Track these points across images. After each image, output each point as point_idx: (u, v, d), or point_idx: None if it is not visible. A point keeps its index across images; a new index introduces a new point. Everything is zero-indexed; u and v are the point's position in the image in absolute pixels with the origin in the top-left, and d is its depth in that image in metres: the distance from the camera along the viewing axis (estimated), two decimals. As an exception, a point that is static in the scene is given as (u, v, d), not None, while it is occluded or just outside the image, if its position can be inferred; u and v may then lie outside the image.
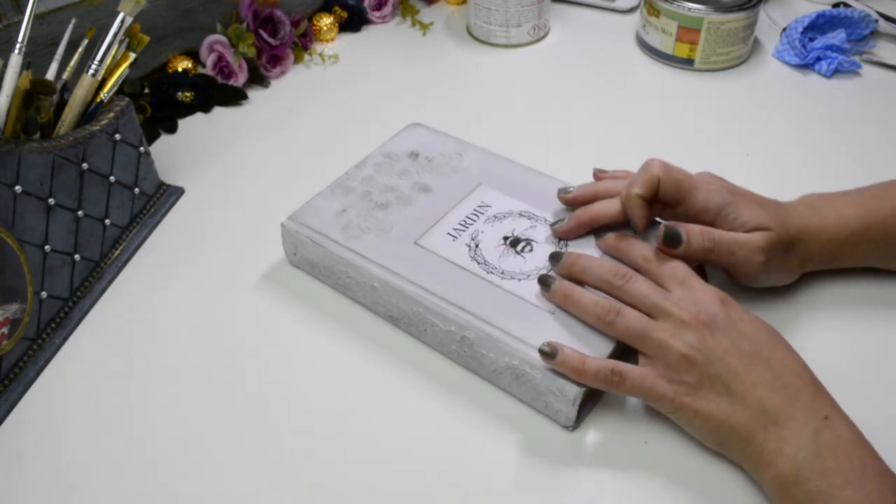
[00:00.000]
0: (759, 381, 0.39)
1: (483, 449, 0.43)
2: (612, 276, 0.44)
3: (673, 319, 0.41)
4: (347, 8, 0.81)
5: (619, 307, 0.43)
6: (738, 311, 0.42)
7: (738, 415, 0.39)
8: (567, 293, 0.44)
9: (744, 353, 0.40)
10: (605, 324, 0.43)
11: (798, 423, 0.38)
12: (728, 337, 0.40)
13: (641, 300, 0.43)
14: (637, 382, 0.41)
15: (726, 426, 0.39)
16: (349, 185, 0.54)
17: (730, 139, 0.66)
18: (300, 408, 0.46)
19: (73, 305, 0.51)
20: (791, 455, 0.37)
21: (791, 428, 0.38)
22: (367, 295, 0.50)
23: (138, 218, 0.58)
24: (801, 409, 0.38)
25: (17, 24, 0.50)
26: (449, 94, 0.73)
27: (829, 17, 0.75)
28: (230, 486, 0.42)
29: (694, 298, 0.42)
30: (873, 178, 0.60)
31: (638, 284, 0.43)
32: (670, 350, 0.40)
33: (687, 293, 0.42)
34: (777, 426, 0.38)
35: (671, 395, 0.40)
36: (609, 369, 0.41)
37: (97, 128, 0.52)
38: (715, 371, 0.39)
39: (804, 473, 0.37)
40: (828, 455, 0.37)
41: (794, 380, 0.39)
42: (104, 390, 0.47)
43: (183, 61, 0.71)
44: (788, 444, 0.38)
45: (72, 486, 0.42)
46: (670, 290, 0.43)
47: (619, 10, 0.85)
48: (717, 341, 0.40)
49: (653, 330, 0.41)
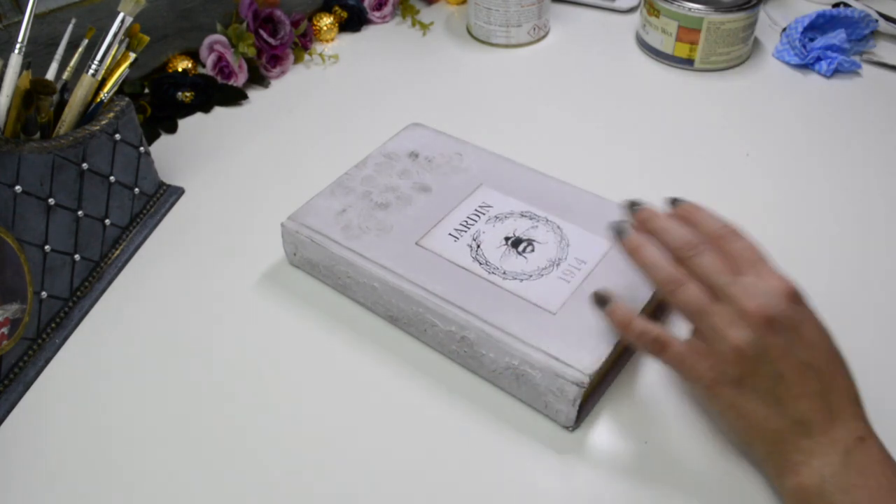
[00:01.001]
0: (804, 392, 0.37)
1: (483, 449, 0.43)
2: (684, 244, 0.41)
3: (734, 307, 0.38)
4: (347, 8, 0.81)
5: (685, 279, 0.40)
6: (805, 311, 0.39)
7: (773, 420, 0.38)
8: (639, 246, 0.42)
9: (798, 361, 0.37)
10: (666, 291, 0.41)
11: (831, 440, 0.37)
12: (787, 339, 0.38)
13: (708, 277, 0.40)
14: (678, 358, 0.40)
15: (758, 428, 0.38)
16: (349, 185, 0.54)
17: (730, 139, 0.66)
18: (300, 407, 0.45)
19: (73, 305, 0.51)
20: (818, 467, 0.36)
21: (823, 443, 0.37)
22: (367, 295, 0.50)
23: (138, 218, 0.58)
24: (838, 428, 0.37)
25: (17, 24, 0.50)
26: (449, 94, 0.73)
27: (829, 17, 0.75)
28: (230, 485, 0.42)
29: (762, 288, 0.38)
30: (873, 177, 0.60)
31: (708, 260, 0.40)
32: (724, 339, 0.38)
33: (756, 280, 0.39)
34: (810, 438, 0.37)
35: (710, 381, 0.39)
36: (654, 336, 0.40)
37: (97, 128, 0.52)
38: (764, 371, 0.38)
39: (828, 486, 0.36)
40: (855, 473, 0.36)
41: (839, 398, 0.38)
42: (104, 390, 0.47)
43: (183, 61, 0.71)
44: (817, 458, 0.37)
45: (71, 486, 0.42)
46: (740, 272, 0.40)
47: (619, 10, 0.85)
48: (774, 341, 0.37)
49: (711, 313, 0.39)
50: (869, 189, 0.60)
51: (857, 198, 0.59)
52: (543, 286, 0.46)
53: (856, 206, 0.58)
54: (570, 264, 0.48)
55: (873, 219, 0.57)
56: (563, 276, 0.47)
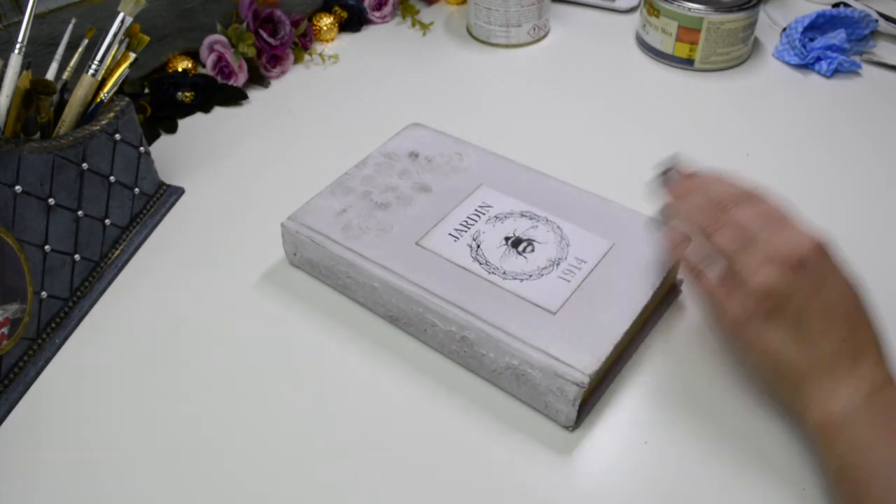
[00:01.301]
0: (829, 332, 0.39)
1: (483, 449, 0.43)
2: (726, 196, 0.43)
3: (766, 250, 0.40)
4: (347, 8, 0.81)
5: (724, 223, 0.42)
6: (833, 263, 0.40)
7: (798, 356, 0.39)
8: (687, 191, 0.45)
9: (824, 304, 0.39)
10: (704, 232, 0.43)
11: (856, 380, 0.38)
12: (814, 283, 0.39)
13: (742, 226, 0.41)
14: (709, 289, 0.42)
15: (783, 365, 0.40)
16: (349, 185, 0.54)
17: (730, 139, 0.66)
18: (300, 408, 0.45)
19: (73, 305, 0.51)
20: (842, 403, 0.38)
21: (848, 383, 0.38)
22: (367, 295, 0.50)
23: (138, 218, 0.58)
24: (863, 370, 0.38)
25: (17, 24, 0.50)
26: (449, 94, 0.73)
27: (829, 17, 0.75)
28: (230, 484, 0.42)
29: (794, 237, 0.40)
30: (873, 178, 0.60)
31: (742, 212, 0.42)
32: (752, 280, 0.40)
33: (785, 231, 0.41)
34: (833, 378, 0.38)
35: (736, 316, 0.40)
36: (694, 264, 0.43)
37: (97, 128, 0.52)
38: (790, 308, 0.39)
39: (852, 419, 0.37)
40: (879, 410, 0.37)
41: (864, 345, 0.39)
42: (104, 390, 0.47)
43: (183, 61, 0.71)
44: (841, 395, 0.38)
45: (72, 486, 0.42)
46: (771, 226, 0.41)
47: (619, 10, 0.85)
48: (801, 283, 0.39)
49: (744, 254, 0.40)
50: (869, 189, 0.60)
51: (858, 198, 0.59)
52: (543, 286, 0.46)
53: (856, 205, 0.58)
54: (570, 264, 0.48)
55: (874, 218, 0.57)
56: (563, 275, 0.47)
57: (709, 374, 0.47)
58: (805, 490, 0.40)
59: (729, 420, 0.44)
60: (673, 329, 0.49)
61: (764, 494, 0.40)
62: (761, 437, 0.43)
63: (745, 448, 0.43)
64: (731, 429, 0.44)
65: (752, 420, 0.44)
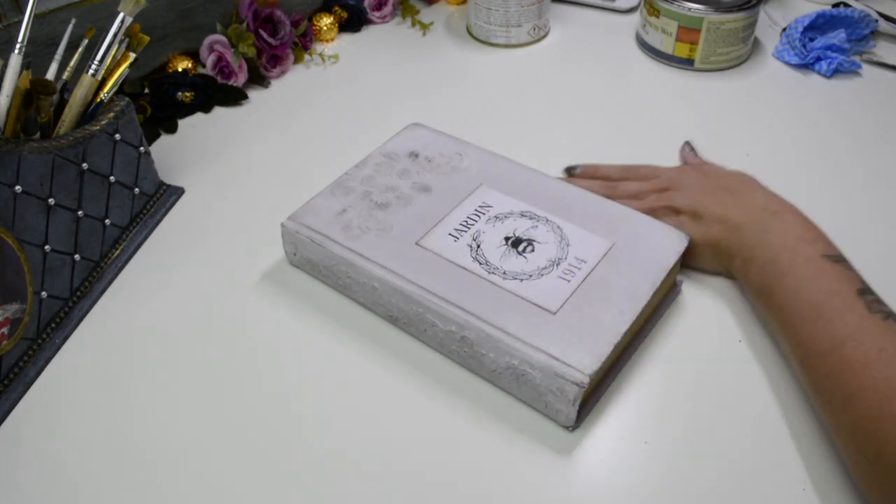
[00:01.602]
0: (721, 203, 0.51)
1: (483, 449, 0.43)
2: (618, 172, 0.58)
3: (656, 187, 0.55)
4: (347, 8, 0.81)
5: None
6: (712, 167, 0.57)
7: (710, 232, 0.50)
8: (594, 167, 0.59)
9: (707, 190, 0.52)
10: (608, 187, 0.56)
11: (753, 218, 0.49)
12: (694, 183, 0.53)
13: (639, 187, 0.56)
14: (631, 191, 0.56)
15: (709, 245, 0.50)
16: (349, 185, 0.54)
17: (730, 139, 0.66)
18: (300, 408, 0.45)
19: (73, 305, 0.51)
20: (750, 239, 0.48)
21: (748, 226, 0.48)
22: (367, 295, 0.50)
23: (138, 218, 0.58)
24: (755, 209, 0.49)
25: (17, 24, 0.50)
26: (449, 94, 0.73)
27: (829, 17, 0.75)
28: (230, 485, 0.42)
29: (671, 174, 0.55)
30: (873, 178, 0.60)
31: (634, 182, 0.57)
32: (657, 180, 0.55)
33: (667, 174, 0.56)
34: (738, 229, 0.49)
35: (650, 206, 0.53)
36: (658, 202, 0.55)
37: (97, 128, 0.52)
38: (684, 206, 0.52)
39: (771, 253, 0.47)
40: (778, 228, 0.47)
41: (748, 196, 0.51)
42: (104, 390, 0.47)
43: (183, 61, 0.71)
44: (757, 245, 0.48)
45: (72, 486, 0.42)
46: None
47: (619, 10, 0.85)
48: (683, 187, 0.53)
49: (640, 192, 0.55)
50: (869, 189, 0.60)
51: (858, 197, 0.59)
52: (543, 286, 0.46)
53: (856, 205, 0.58)
54: (570, 264, 0.48)
55: (874, 218, 0.57)
56: (563, 275, 0.47)
57: (708, 374, 0.47)
58: (805, 490, 0.40)
59: (729, 420, 0.44)
60: (673, 329, 0.49)
61: (764, 494, 0.40)
62: (761, 437, 0.43)
63: (744, 448, 0.43)
64: (731, 429, 0.44)
65: (752, 420, 0.44)
